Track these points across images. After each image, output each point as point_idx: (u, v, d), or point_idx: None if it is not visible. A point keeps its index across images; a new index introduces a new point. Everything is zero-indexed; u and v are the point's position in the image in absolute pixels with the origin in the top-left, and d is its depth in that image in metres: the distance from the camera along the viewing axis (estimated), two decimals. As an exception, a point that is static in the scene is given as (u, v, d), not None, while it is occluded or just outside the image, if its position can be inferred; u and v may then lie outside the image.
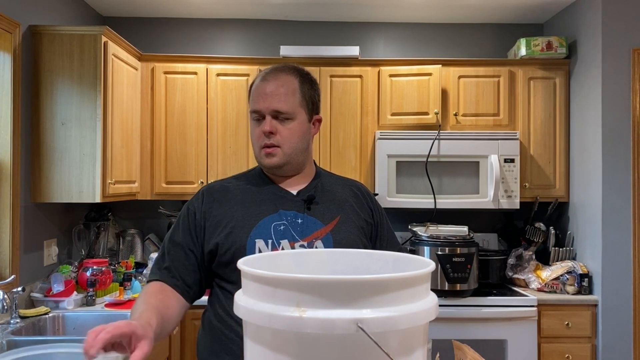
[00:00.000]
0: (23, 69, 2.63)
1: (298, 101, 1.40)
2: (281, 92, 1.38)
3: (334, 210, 1.43)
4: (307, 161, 1.48)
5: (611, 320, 3.00)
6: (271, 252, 1.29)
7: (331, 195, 1.47)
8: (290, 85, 1.40)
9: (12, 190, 2.52)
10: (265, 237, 1.35)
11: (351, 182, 1.57)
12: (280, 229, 1.37)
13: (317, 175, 1.52)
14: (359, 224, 1.45)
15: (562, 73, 3.38)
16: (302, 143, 1.43)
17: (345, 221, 1.42)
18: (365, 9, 3.52)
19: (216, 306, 1.39)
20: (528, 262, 3.30)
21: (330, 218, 1.41)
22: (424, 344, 0.81)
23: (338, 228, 1.40)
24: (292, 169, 1.45)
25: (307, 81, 1.44)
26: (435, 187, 3.22)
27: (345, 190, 1.51)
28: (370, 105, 3.35)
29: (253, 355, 0.80)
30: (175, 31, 3.70)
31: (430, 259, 1.14)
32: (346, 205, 1.46)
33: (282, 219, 1.38)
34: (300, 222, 1.38)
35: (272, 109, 1.37)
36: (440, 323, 2.90)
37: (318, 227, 1.39)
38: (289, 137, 1.39)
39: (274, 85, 1.38)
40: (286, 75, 1.41)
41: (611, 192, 3.02)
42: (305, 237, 1.37)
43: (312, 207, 1.41)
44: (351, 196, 1.49)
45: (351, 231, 1.41)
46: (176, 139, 3.31)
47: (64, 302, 2.64)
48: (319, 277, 0.73)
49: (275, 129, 1.38)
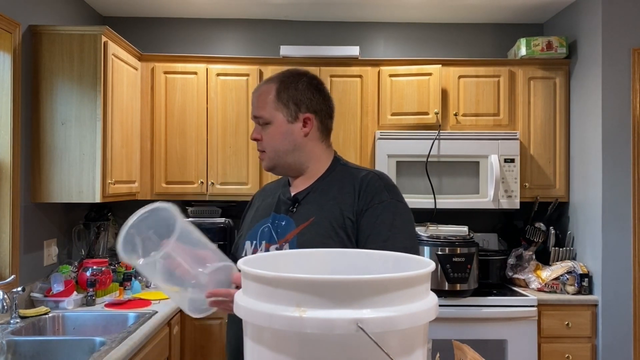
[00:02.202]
0: (23, 69, 2.63)
1: (273, 106, 1.47)
2: (259, 99, 1.49)
3: (312, 211, 1.41)
4: (306, 162, 1.47)
5: (611, 320, 3.00)
6: (271, 252, 1.30)
7: (322, 195, 1.44)
8: (267, 92, 1.48)
9: (12, 190, 2.52)
10: (252, 238, 1.49)
11: (361, 173, 1.46)
12: (265, 231, 1.47)
13: (325, 174, 1.48)
14: (339, 224, 1.38)
15: (562, 73, 3.38)
16: (284, 145, 1.46)
17: (318, 223, 1.39)
18: (365, 9, 3.52)
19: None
20: (528, 262, 3.30)
21: (304, 220, 1.41)
22: (424, 344, 0.81)
23: (305, 230, 1.39)
24: (286, 170, 1.52)
25: (287, 84, 1.48)
26: (435, 187, 3.22)
27: (345, 186, 1.44)
28: (370, 105, 3.35)
29: (253, 355, 0.80)
30: (175, 31, 3.70)
31: (430, 259, 1.14)
32: (329, 205, 1.41)
33: (269, 222, 1.48)
34: (283, 224, 1.45)
35: (253, 116, 1.51)
36: (440, 323, 2.90)
37: (291, 229, 1.42)
38: (269, 140, 1.48)
39: (255, 96, 1.51)
40: (266, 85, 1.50)
41: (611, 192, 3.02)
42: (280, 239, 1.43)
43: (296, 209, 1.45)
44: (344, 192, 1.42)
45: (319, 232, 1.37)
46: (176, 139, 3.31)
47: (64, 302, 2.64)
48: (319, 277, 0.73)
49: (259, 136, 1.49)
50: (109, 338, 2.14)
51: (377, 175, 1.45)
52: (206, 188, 3.31)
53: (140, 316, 2.51)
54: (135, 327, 2.32)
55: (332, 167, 1.50)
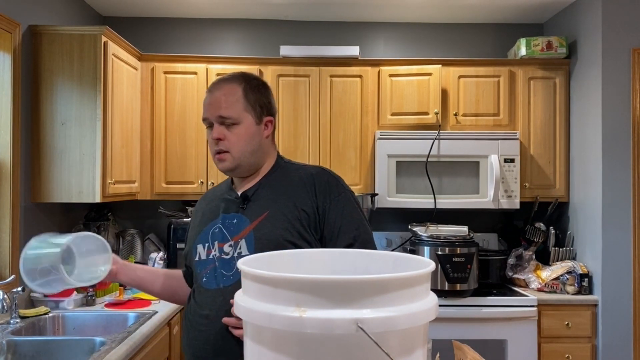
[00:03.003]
0: (23, 69, 2.63)
1: (242, 106, 1.47)
2: (224, 99, 1.46)
3: (264, 206, 1.45)
4: (262, 161, 1.53)
5: (611, 320, 3.00)
6: (271, 252, 1.29)
7: (271, 191, 1.48)
8: (233, 92, 1.47)
9: (12, 190, 2.52)
10: (203, 241, 1.50)
11: (309, 170, 1.53)
12: (215, 232, 1.48)
13: (271, 170, 1.54)
14: (293, 216, 1.42)
15: (562, 73, 3.38)
16: (251, 145, 1.49)
17: (273, 216, 1.43)
18: (365, 9, 3.52)
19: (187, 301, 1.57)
20: (528, 262, 3.30)
21: (259, 214, 1.44)
22: (424, 344, 0.81)
23: (261, 225, 1.42)
24: (245, 171, 1.52)
25: (252, 87, 1.50)
26: (435, 187, 3.22)
27: (294, 181, 1.49)
28: (370, 105, 3.35)
29: (253, 355, 0.80)
30: (175, 31, 3.70)
31: (430, 259, 1.14)
32: (281, 199, 1.46)
33: (219, 222, 1.49)
34: (235, 222, 1.47)
35: (217, 115, 1.46)
36: (440, 323, 2.90)
37: (245, 225, 1.44)
38: (237, 141, 1.47)
39: (218, 95, 1.47)
40: (230, 84, 1.49)
41: (611, 192, 3.02)
42: (234, 237, 1.44)
43: (248, 205, 1.47)
44: (294, 186, 1.48)
45: (276, 225, 1.41)
46: (176, 139, 3.31)
47: (63, 302, 2.64)
48: (319, 277, 0.73)
49: (223, 135, 1.46)
50: (109, 338, 2.14)
51: (324, 170, 1.54)
52: (206, 188, 3.30)
53: (140, 316, 2.51)
54: (135, 327, 2.32)
55: (277, 164, 1.57)
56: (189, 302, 1.52)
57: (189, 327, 1.46)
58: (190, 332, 1.45)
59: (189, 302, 1.52)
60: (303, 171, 1.53)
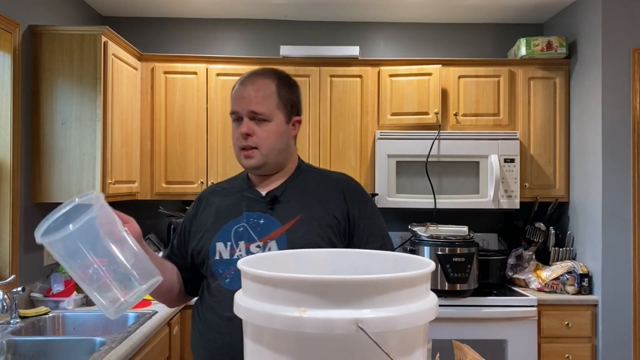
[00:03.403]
0: (23, 69, 2.63)
1: (275, 103, 1.44)
2: (258, 95, 1.43)
3: (296, 209, 1.43)
4: (287, 161, 1.51)
5: (611, 320, 3.00)
6: (271, 252, 1.30)
7: (300, 194, 1.47)
8: (267, 88, 1.44)
9: (12, 190, 2.52)
10: (225, 239, 1.42)
11: (335, 176, 1.55)
12: (239, 231, 1.42)
13: (295, 173, 1.53)
14: (325, 222, 1.42)
15: (562, 73, 3.38)
16: (280, 144, 1.46)
17: (306, 220, 1.41)
18: (365, 9, 3.52)
19: (197, 301, 1.51)
20: (528, 262, 3.30)
21: (290, 217, 1.42)
22: (424, 344, 0.81)
23: (295, 228, 1.40)
24: (270, 169, 1.48)
25: (285, 84, 1.48)
26: (435, 187, 3.22)
27: (322, 186, 1.50)
28: (370, 105, 3.35)
29: (253, 355, 0.80)
30: (175, 31, 3.70)
31: (430, 259, 1.14)
32: (313, 203, 1.45)
33: (243, 221, 1.43)
34: (262, 222, 1.42)
35: (249, 110, 1.42)
36: (440, 323, 2.90)
37: (276, 227, 1.41)
38: (266, 138, 1.43)
39: (251, 89, 1.44)
40: (263, 79, 1.46)
41: (611, 192, 3.02)
42: (262, 238, 1.40)
43: (276, 207, 1.44)
44: (324, 192, 1.48)
45: (310, 230, 1.40)
46: (176, 139, 3.31)
47: (63, 302, 2.64)
48: (319, 277, 0.73)
49: (253, 131, 1.42)
50: (109, 338, 2.14)
51: (349, 177, 1.56)
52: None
53: (140, 316, 2.51)
54: (135, 327, 2.32)
55: (299, 166, 1.55)
56: (201, 303, 1.46)
57: (205, 329, 1.40)
58: (207, 335, 1.39)
59: (202, 303, 1.45)
60: (329, 176, 1.55)
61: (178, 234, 1.58)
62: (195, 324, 1.46)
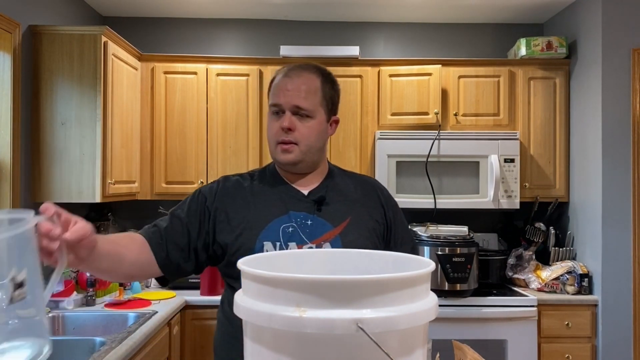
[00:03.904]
0: (23, 69, 2.63)
1: (319, 100, 1.40)
2: (303, 89, 1.38)
3: (344, 211, 1.41)
4: (321, 160, 1.48)
5: (611, 320, 3.00)
6: (271, 252, 1.29)
7: (342, 196, 1.45)
8: (312, 83, 1.40)
9: (12, 190, 2.52)
10: (273, 239, 1.34)
11: (365, 179, 1.56)
12: (288, 231, 1.35)
13: (329, 174, 1.50)
14: (370, 225, 1.42)
15: (562, 73, 3.38)
16: (319, 142, 1.42)
17: (356, 222, 1.40)
18: (365, 9, 3.52)
19: (225, 303, 1.41)
20: (528, 262, 3.30)
21: (340, 220, 1.39)
22: (424, 344, 0.81)
23: (347, 230, 1.38)
24: (306, 167, 1.43)
25: (328, 81, 1.44)
26: (435, 187, 3.22)
27: (358, 189, 1.49)
28: (370, 105, 3.35)
29: (253, 355, 0.80)
30: (175, 31, 3.70)
31: (430, 259, 1.14)
32: (357, 206, 1.44)
33: (292, 221, 1.37)
34: (309, 223, 1.37)
35: (293, 104, 1.37)
36: (440, 323, 2.90)
37: (327, 229, 1.37)
38: (307, 135, 1.38)
39: (297, 82, 1.38)
40: (309, 73, 1.41)
41: (611, 192, 3.02)
42: (314, 240, 1.35)
43: (323, 208, 1.40)
44: (363, 195, 1.48)
45: (361, 233, 1.39)
46: (176, 139, 3.31)
47: (63, 302, 2.64)
48: (319, 277, 0.73)
49: (294, 126, 1.37)
50: (109, 338, 2.14)
51: (376, 180, 1.59)
52: (206, 188, 3.31)
53: (140, 316, 2.51)
54: (135, 327, 2.32)
55: (331, 168, 1.53)
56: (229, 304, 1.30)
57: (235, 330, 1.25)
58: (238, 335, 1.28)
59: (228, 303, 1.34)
60: (362, 179, 1.55)
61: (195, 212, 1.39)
62: (223, 326, 1.40)
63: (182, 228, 1.37)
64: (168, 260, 1.34)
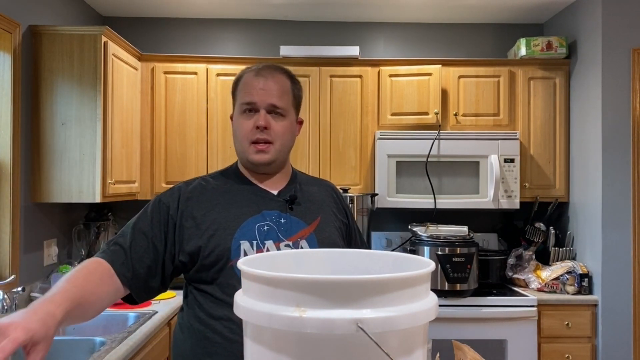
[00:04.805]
0: (23, 69, 2.63)
1: (291, 100, 1.44)
2: (277, 88, 1.39)
3: (314, 210, 1.45)
4: (287, 161, 1.52)
5: (611, 320, 3.00)
6: (271, 252, 1.29)
7: (310, 196, 1.49)
8: (284, 84, 1.43)
9: (12, 190, 2.52)
10: (250, 238, 1.33)
11: (325, 182, 1.61)
12: (264, 230, 1.35)
13: (294, 175, 1.54)
14: (337, 225, 1.48)
15: (562, 73, 3.38)
16: (291, 142, 1.46)
17: (326, 221, 1.45)
18: (365, 9, 3.52)
19: (195, 309, 1.34)
20: (528, 262, 3.30)
21: (312, 218, 1.43)
22: (424, 344, 0.81)
23: (321, 228, 1.42)
24: (276, 167, 1.45)
25: (296, 82, 1.48)
26: (435, 187, 3.22)
27: (322, 191, 1.55)
28: (370, 105, 3.35)
29: (253, 355, 0.80)
30: (175, 31, 3.70)
31: (430, 259, 1.14)
32: (324, 206, 1.49)
33: (266, 220, 1.37)
34: (283, 222, 1.39)
35: (269, 103, 1.37)
36: (440, 323, 2.90)
37: (301, 226, 1.40)
38: (282, 134, 1.40)
39: (271, 82, 1.39)
40: (280, 74, 1.44)
41: (611, 192, 3.02)
42: (289, 237, 1.37)
43: (294, 207, 1.42)
44: (328, 197, 1.54)
45: (331, 231, 1.45)
46: (176, 139, 3.31)
47: (64, 302, 2.63)
48: (319, 277, 0.73)
49: (270, 124, 1.38)
50: (109, 338, 2.14)
51: (333, 183, 1.66)
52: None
53: (140, 316, 2.51)
54: (135, 327, 2.32)
55: (294, 170, 1.57)
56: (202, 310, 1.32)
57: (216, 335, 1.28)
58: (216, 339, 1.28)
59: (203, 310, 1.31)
60: (319, 181, 1.60)
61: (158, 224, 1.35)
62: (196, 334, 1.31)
63: (147, 243, 1.33)
64: (135, 280, 1.30)
